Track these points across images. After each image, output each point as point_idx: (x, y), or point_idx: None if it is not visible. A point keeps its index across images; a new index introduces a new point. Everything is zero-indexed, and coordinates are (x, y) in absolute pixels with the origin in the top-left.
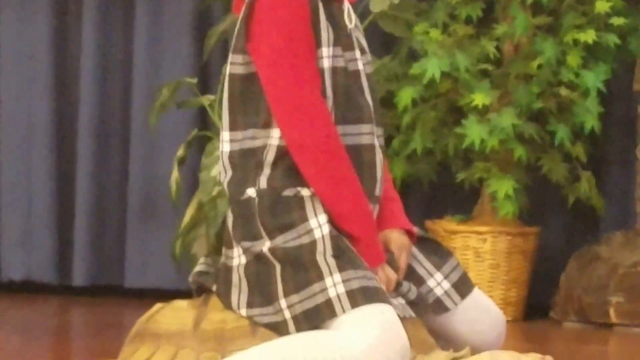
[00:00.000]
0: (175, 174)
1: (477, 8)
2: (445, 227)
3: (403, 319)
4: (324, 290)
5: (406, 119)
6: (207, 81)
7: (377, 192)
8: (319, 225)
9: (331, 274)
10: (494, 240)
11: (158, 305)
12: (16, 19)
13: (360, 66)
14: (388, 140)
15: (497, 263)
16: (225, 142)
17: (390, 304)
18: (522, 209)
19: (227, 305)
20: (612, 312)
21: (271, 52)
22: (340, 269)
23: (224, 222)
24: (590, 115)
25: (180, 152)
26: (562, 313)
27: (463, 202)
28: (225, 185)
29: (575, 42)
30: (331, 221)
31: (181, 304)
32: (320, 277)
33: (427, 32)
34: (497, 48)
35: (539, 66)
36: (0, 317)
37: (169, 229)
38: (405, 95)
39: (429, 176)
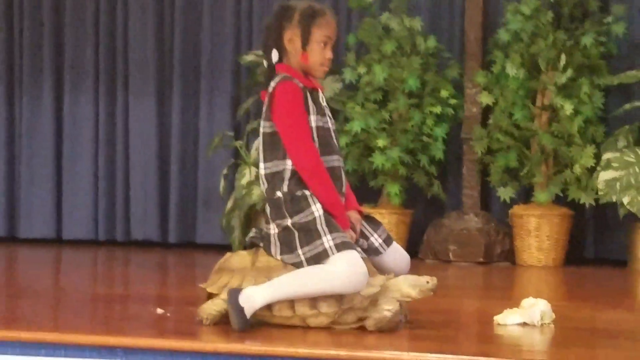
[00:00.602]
0: (222, 183)
1: (379, 94)
2: (363, 211)
3: (362, 258)
4: (322, 244)
5: (342, 153)
6: (238, 133)
7: (343, 191)
8: (317, 209)
9: (325, 235)
10: (389, 218)
11: (229, 254)
12: (139, 103)
13: (329, 125)
14: None
15: (390, 229)
16: (262, 168)
17: (357, 250)
18: (404, 201)
19: (269, 253)
20: (450, 254)
21: (285, 120)
22: (330, 232)
23: (251, 208)
24: (439, 151)
25: (225, 171)
26: (425, 255)
27: (373, 197)
28: (264, 191)
29: (431, 112)
30: (322, 207)
31: (243, 252)
32: (319, 237)
33: (354, 107)
34: (390, 116)
35: (412, 125)
36: (133, 261)
37: (219, 211)
38: (342, 141)
39: (355, 183)
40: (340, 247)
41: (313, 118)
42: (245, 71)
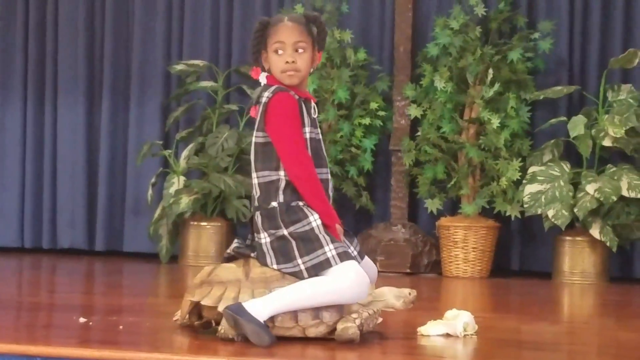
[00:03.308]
0: (150, 191)
1: None
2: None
3: None
4: (324, 253)
5: None
6: (167, 143)
7: (330, 203)
8: (315, 219)
9: (328, 244)
10: None
11: (210, 267)
12: (67, 110)
13: (320, 137)
14: None
15: None
16: (255, 178)
17: (356, 260)
18: None
19: (263, 263)
20: (378, 265)
21: (280, 131)
22: (332, 241)
23: (179, 216)
24: (367, 162)
25: (153, 180)
26: None
27: None
28: (256, 200)
29: (360, 123)
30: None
31: (229, 264)
32: (321, 246)
33: None
34: (320, 127)
35: (341, 136)
36: (59, 269)
37: (147, 219)
38: None
39: None
40: (343, 257)
41: (307, 129)
42: (175, 80)
